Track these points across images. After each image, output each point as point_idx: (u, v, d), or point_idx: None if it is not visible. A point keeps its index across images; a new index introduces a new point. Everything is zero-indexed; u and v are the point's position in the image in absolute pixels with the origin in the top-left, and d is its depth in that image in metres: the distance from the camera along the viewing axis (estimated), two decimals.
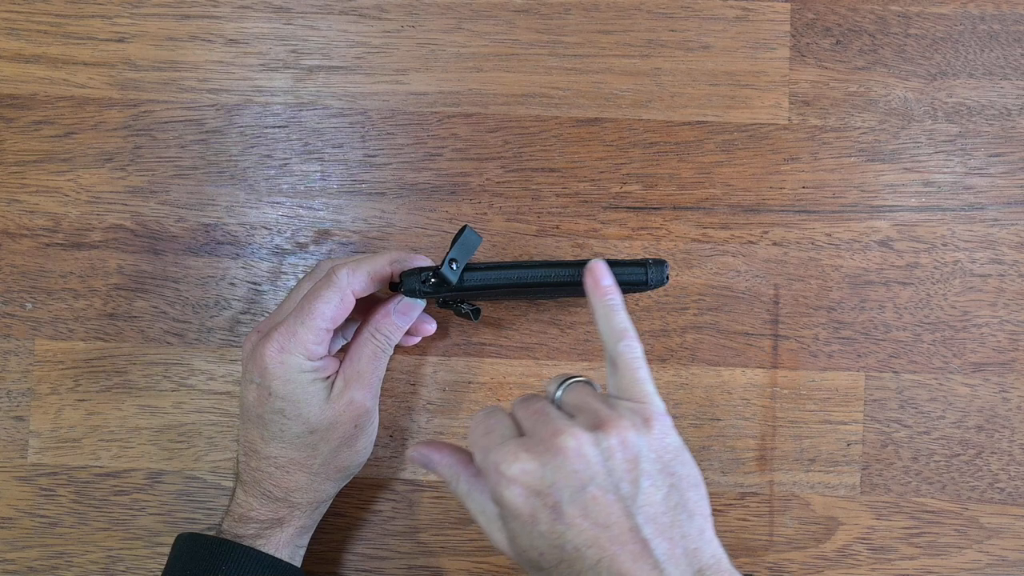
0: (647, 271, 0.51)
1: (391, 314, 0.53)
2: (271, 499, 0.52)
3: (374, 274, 0.51)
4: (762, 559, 0.60)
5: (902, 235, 0.61)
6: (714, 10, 0.62)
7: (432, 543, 0.60)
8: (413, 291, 0.51)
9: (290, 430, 0.51)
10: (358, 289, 0.50)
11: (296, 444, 0.51)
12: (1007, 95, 0.62)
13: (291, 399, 0.50)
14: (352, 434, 0.52)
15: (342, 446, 0.52)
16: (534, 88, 0.61)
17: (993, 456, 0.60)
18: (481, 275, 0.51)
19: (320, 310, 0.49)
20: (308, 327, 0.49)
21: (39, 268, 0.61)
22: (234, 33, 0.61)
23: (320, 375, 0.51)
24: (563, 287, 0.51)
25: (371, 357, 0.53)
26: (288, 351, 0.49)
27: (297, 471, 0.52)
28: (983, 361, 0.61)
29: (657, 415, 0.43)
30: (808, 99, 0.61)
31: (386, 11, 0.62)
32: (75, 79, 0.61)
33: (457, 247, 0.51)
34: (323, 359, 0.51)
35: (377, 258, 0.51)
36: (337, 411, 0.51)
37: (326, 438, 0.52)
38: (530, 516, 0.41)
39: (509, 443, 0.42)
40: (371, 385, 0.53)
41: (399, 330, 0.54)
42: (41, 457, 0.60)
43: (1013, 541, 0.60)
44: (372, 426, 0.54)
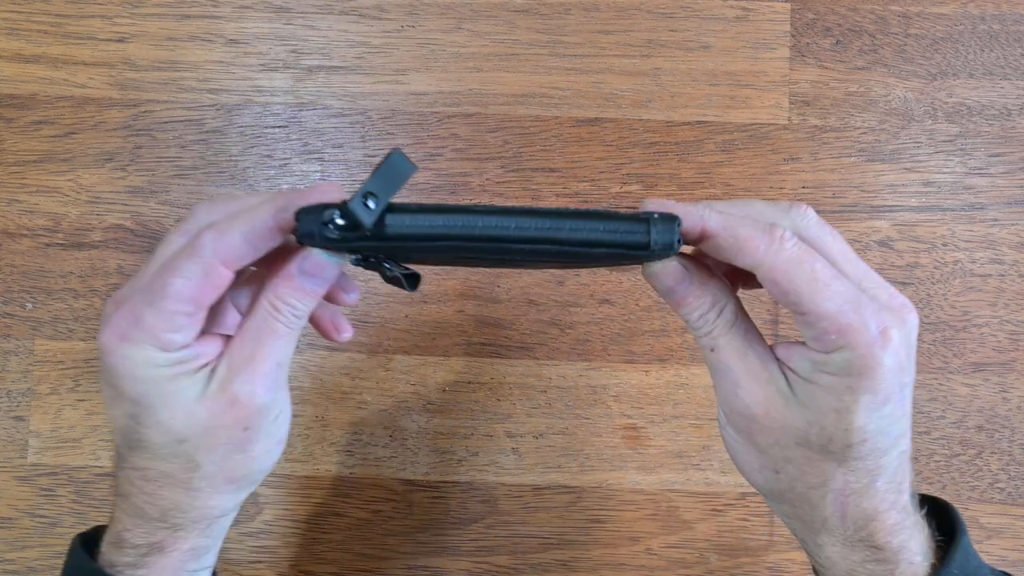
0: (650, 229, 0.35)
1: (294, 275, 0.38)
2: (145, 518, 0.40)
3: (253, 234, 0.36)
4: (763, 559, 0.60)
5: (902, 235, 0.61)
6: (714, 10, 0.62)
7: (432, 543, 0.60)
8: (311, 237, 0.35)
9: (150, 440, 0.38)
10: (231, 258, 0.36)
11: (163, 456, 0.39)
12: (1007, 95, 0.62)
13: (144, 403, 0.37)
14: (243, 439, 0.39)
15: (231, 454, 0.39)
16: (534, 88, 0.61)
17: (993, 456, 0.60)
18: (412, 220, 0.35)
19: (175, 288, 0.36)
20: (158, 310, 0.36)
21: (39, 268, 0.60)
22: (234, 33, 0.61)
23: (187, 367, 0.38)
24: (535, 246, 0.35)
25: (267, 336, 0.38)
26: (132, 340, 0.36)
27: (171, 487, 0.39)
28: (983, 361, 0.61)
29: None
30: (808, 99, 0.61)
31: (386, 11, 0.62)
32: (75, 79, 0.61)
33: (378, 176, 0.34)
34: (189, 347, 0.38)
35: (256, 209, 0.36)
36: (215, 413, 0.38)
37: (204, 447, 0.39)
38: (885, 394, 0.34)
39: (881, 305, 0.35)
40: (266, 374, 0.38)
41: (307, 297, 0.38)
42: (41, 457, 0.60)
43: (1013, 541, 0.60)
44: (276, 424, 0.40)
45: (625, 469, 0.60)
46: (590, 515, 0.60)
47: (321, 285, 0.38)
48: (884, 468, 0.36)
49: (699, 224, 0.35)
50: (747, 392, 0.36)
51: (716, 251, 0.36)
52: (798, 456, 0.36)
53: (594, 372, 0.60)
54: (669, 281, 0.37)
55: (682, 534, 0.60)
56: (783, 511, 0.39)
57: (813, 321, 0.34)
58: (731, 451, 0.39)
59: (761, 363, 0.37)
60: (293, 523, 0.60)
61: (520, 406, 0.60)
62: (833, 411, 0.35)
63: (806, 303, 0.34)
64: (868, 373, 0.34)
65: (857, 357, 0.34)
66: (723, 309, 0.37)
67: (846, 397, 0.34)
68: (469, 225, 0.34)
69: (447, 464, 0.60)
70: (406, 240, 0.35)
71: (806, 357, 0.35)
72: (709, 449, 0.60)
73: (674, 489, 0.60)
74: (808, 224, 0.36)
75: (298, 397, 0.60)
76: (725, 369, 0.37)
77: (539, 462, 0.60)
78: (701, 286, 0.37)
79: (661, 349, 0.60)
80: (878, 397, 0.34)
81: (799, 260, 0.34)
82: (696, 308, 0.37)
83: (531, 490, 0.60)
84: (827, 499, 0.36)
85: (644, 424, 0.60)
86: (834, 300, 0.34)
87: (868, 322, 0.34)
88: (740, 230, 0.35)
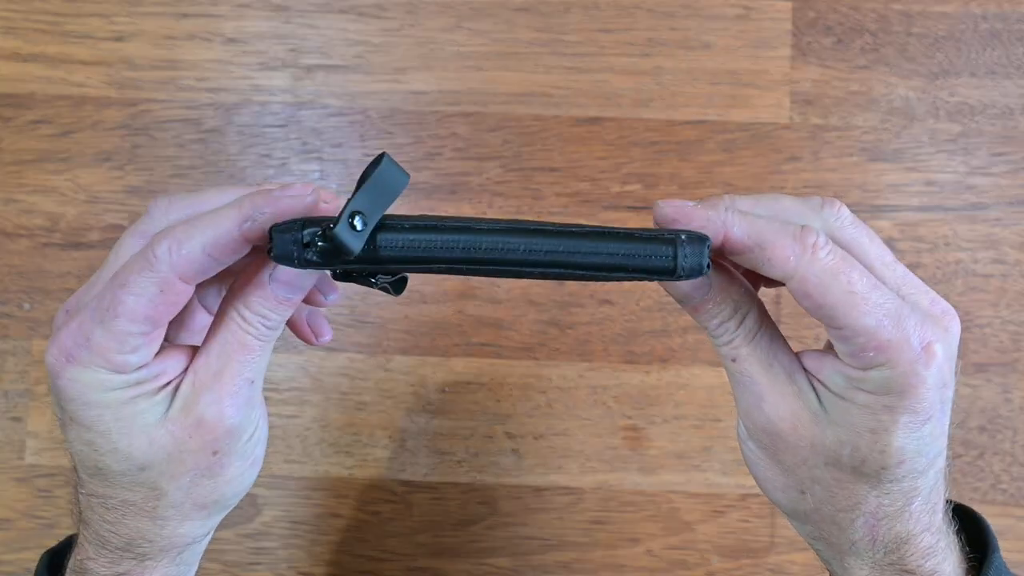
0: (676, 252, 0.31)
1: (266, 283, 0.33)
2: (109, 548, 0.36)
3: (215, 246, 0.32)
4: (764, 561, 0.60)
5: (904, 235, 0.61)
6: (715, 9, 0.62)
7: (431, 544, 0.60)
8: (288, 260, 0.31)
9: (109, 468, 0.34)
10: (190, 272, 0.32)
11: (124, 484, 0.35)
12: (1009, 94, 0.61)
13: (98, 429, 0.34)
14: (211, 463, 0.35)
15: (199, 479, 0.35)
16: (534, 87, 0.61)
17: (995, 457, 0.60)
18: (406, 241, 0.31)
19: (127, 306, 0.32)
20: (109, 330, 0.32)
21: (37, 268, 0.60)
22: (233, 32, 0.61)
23: (145, 388, 0.34)
24: (546, 270, 0.31)
25: (235, 350, 0.34)
26: (80, 362, 0.32)
27: (135, 516, 0.36)
28: (985, 361, 0.60)
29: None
30: (810, 98, 0.61)
31: (385, 9, 0.61)
32: (73, 78, 0.61)
33: (366, 191, 0.30)
34: (147, 366, 0.34)
35: (219, 216, 0.32)
36: (179, 437, 0.34)
37: (169, 473, 0.35)
38: (927, 414, 0.32)
39: (924, 315, 0.32)
40: (235, 392, 0.34)
41: (281, 307, 0.34)
42: (38, 458, 0.60)
43: (1015, 542, 0.60)
44: (249, 445, 0.36)
45: (626, 470, 0.60)
46: (590, 516, 0.60)
47: (297, 293, 0.34)
48: (920, 490, 0.33)
49: (721, 232, 0.32)
50: (772, 407, 0.33)
51: (740, 260, 0.33)
52: (827, 477, 0.33)
53: (594, 372, 0.60)
54: (686, 287, 0.34)
55: (683, 535, 0.59)
56: (807, 532, 0.36)
57: (850, 336, 0.31)
58: (752, 467, 0.36)
59: (788, 375, 0.34)
60: (292, 524, 0.60)
61: (520, 407, 0.60)
62: (869, 432, 0.32)
63: (841, 318, 0.31)
64: (910, 392, 0.31)
65: (898, 375, 0.31)
66: (746, 316, 0.34)
67: (884, 417, 0.32)
68: (472, 246, 0.31)
69: (447, 465, 0.60)
70: (398, 263, 0.31)
71: (839, 372, 0.32)
72: (710, 450, 0.60)
73: (675, 490, 0.60)
74: (843, 224, 0.33)
75: (297, 398, 0.60)
76: (748, 382, 0.34)
77: (539, 463, 0.60)
78: (721, 291, 0.33)
79: (662, 349, 0.60)
80: (919, 417, 0.32)
81: (834, 271, 0.31)
82: (716, 315, 0.34)
83: (531, 491, 0.60)
84: (857, 523, 0.34)
85: (645, 425, 0.60)
86: (873, 314, 0.31)
87: (910, 337, 0.31)
88: (767, 236, 0.31)
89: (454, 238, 0.31)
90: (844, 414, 0.32)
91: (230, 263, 0.33)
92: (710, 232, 0.32)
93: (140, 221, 0.35)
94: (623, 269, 0.31)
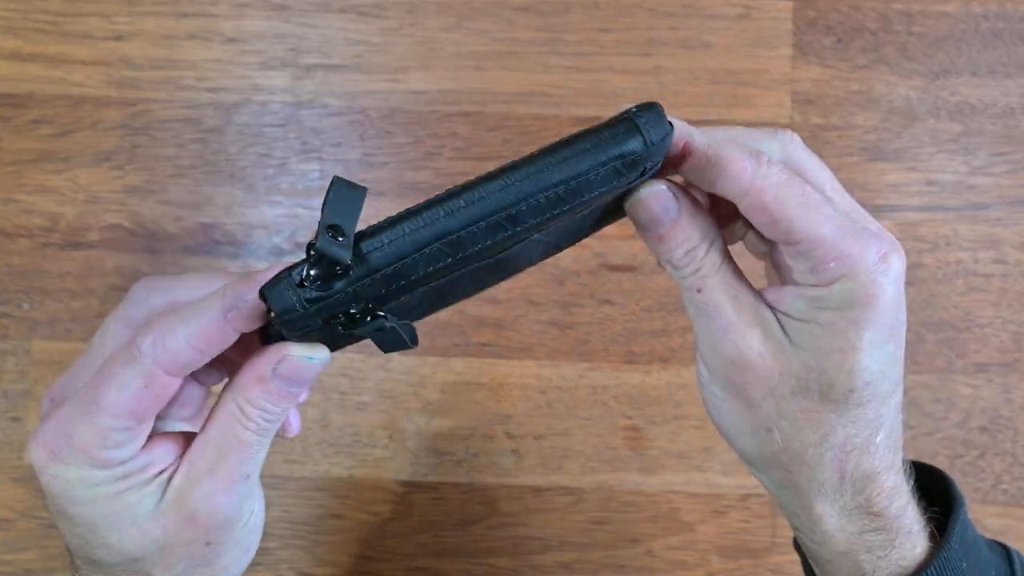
0: (637, 123, 0.29)
1: (268, 378, 0.32)
2: None
3: (200, 339, 0.31)
4: (765, 561, 0.59)
5: (905, 235, 0.60)
6: (716, 8, 0.61)
7: (431, 545, 0.60)
8: (290, 309, 0.29)
9: (102, 560, 0.34)
10: (174, 366, 0.31)
11: (118, 573, 0.34)
12: (1010, 94, 0.61)
13: (87, 524, 0.33)
14: (205, 553, 0.34)
15: (193, 568, 0.34)
16: (534, 86, 0.61)
17: (996, 457, 0.60)
18: (388, 236, 0.29)
19: (109, 400, 0.31)
20: (91, 425, 0.31)
21: (36, 268, 0.60)
22: (232, 31, 0.61)
23: (133, 481, 0.33)
24: (532, 201, 0.29)
25: (232, 445, 0.33)
26: (63, 460, 0.32)
27: None
28: (986, 362, 0.60)
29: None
30: (810, 98, 0.61)
31: (385, 9, 0.61)
32: (72, 78, 0.61)
33: (330, 207, 0.29)
34: (133, 459, 0.32)
35: (203, 307, 0.31)
36: (171, 530, 0.33)
37: (162, 563, 0.34)
38: (888, 329, 0.32)
39: (872, 236, 0.32)
40: (231, 487, 0.33)
41: (283, 400, 0.33)
42: None
43: (1017, 542, 0.60)
44: (244, 533, 0.35)
45: (626, 470, 0.60)
46: (590, 516, 0.59)
47: (300, 387, 0.33)
48: (884, 418, 0.33)
49: (683, 139, 0.31)
50: (739, 335, 0.33)
51: (696, 173, 0.32)
52: (794, 409, 0.33)
53: (594, 373, 0.60)
54: (656, 208, 0.32)
55: (683, 535, 0.59)
56: (775, 480, 0.35)
57: (808, 250, 0.31)
58: (715, 412, 0.35)
59: (752, 307, 0.33)
60: (292, 525, 0.60)
61: (520, 407, 0.60)
62: (836, 351, 0.32)
63: (799, 229, 0.31)
64: (872, 304, 0.31)
65: (859, 286, 0.31)
66: (712, 243, 0.33)
67: (850, 333, 0.31)
68: (453, 210, 0.29)
69: (447, 465, 0.60)
70: (393, 264, 0.29)
71: (801, 296, 0.32)
72: (710, 450, 0.60)
73: (675, 490, 0.60)
74: (795, 150, 0.34)
75: None
76: (714, 312, 0.33)
77: (539, 463, 0.60)
78: (690, 215, 0.33)
79: (662, 349, 0.60)
80: (881, 333, 0.32)
81: (788, 184, 0.31)
82: (684, 242, 0.33)
83: (531, 491, 0.60)
84: (826, 457, 0.33)
85: (645, 425, 0.60)
86: (830, 223, 0.31)
87: (868, 247, 0.31)
88: (725, 150, 0.31)
89: (431, 212, 0.29)
90: (810, 338, 0.32)
91: (215, 354, 0.32)
92: (674, 136, 0.31)
93: (121, 307, 0.34)
94: (600, 164, 0.29)
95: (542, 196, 0.29)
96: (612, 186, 0.30)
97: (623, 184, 0.31)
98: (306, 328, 0.30)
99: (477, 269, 0.32)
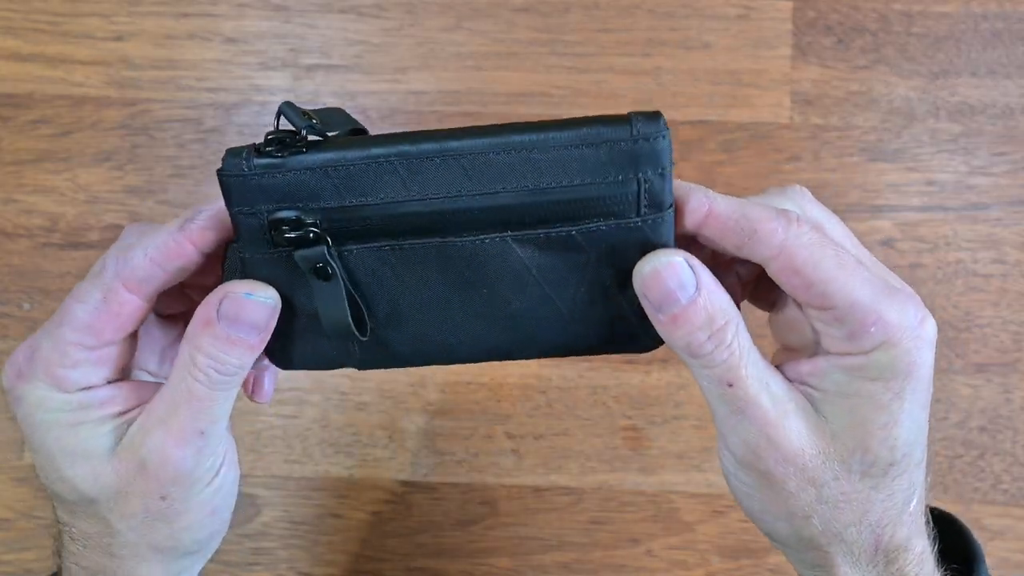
0: (631, 120, 0.28)
1: (214, 320, 0.30)
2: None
3: (157, 250, 0.31)
4: (764, 561, 0.59)
5: (905, 235, 0.60)
6: (715, 8, 0.61)
7: (431, 545, 0.60)
8: (235, 170, 0.29)
9: (62, 496, 0.33)
10: (133, 279, 0.31)
11: (78, 514, 0.33)
12: (1010, 94, 0.61)
13: (44, 453, 0.32)
14: (162, 508, 0.32)
15: (152, 522, 0.33)
16: (534, 87, 0.61)
17: (996, 457, 0.60)
18: (352, 141, 0.29)
19: (72, 313, 0.31)
20: (53, 340, 0.31)
21: (36, 268, 0.60)
22: (232, 32, 0.61)
23: (90, 415, 0.32)
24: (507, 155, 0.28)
25: (182, 398, 0.31)
26: (25, 377, 0.31)
27: (94, 550, 0.34)
28: (986, 362, 0.60)
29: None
30: (810, 98, 0.61)
31: (385, 9, 0.61)
32: (72, 78, 0.61)
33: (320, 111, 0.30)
34: (96, 388, 0.32)
35: (162, 226, 0.31)
36: (123, 476, 0.32)
37: (118, 512, 0.32)
38: (926, 397, 0.29)
39: (907, 297, 0.29)
40: (182, 441, 0.31)
41: (235, 348, 0.31)
42: None
43: (1016, 543, 0.60)
44: (207, 494, 0.33)
45: (626, 470, 0.60)
46: (590, 516, 0.59)
47: (247, 333, 0.30)
48: (915, 487, 0.31)
49: (704, 204, 0.29)
50: (776, 430, 0.29)
51: (722, 238, 0.29)
52: (835, 494, 0.30)
53: (594, 373, 0.60)
54: (670, 282, 0.29)
55: (683, 536, 0.59)
56: (807, 560, 0.33)
57: (845, 315, 0.28)
58: (746, 501, 0.32)
59: (785, 392, 0.30)
60: (291, 525, 0.60)
61: (520, 407, 0.60)
62: (880, 427, 0.29)
63: (837, 293, 0.28)
64: (914, 373, 0.29)
65: (903, 353, 0.28)
66: (738, 324, 0.29)
67: (893, 406, 0.29)
68: (416, 140, 0.28)
69: (447, 465, 0.60)
70: (349, 157, 0.28)
71: (838, 367, 0.29)
72: (710, 450, 0.60)
73: (675, 490, 0.60)
74: (809, 205, 0.31)
75: (297, 398, 0.60)
76: (750, 408, 0.29)
77: (539, 463, 0.60)
78: (710, 291, 0.29)
79: (662, 350, 0.60)
80: (920, 402, 0.29)
81: (821, 244, 0.28)
82: (704, 324, 0.29)
83: (531, 491, 0.60)
84: (863, 534, 0.31)
85: (644, 425, 0.60)
86: (868, 287, 0.28)
87: (907, 310, 0.28)
88: (751, 211, 0.29)
89: (396, 137, 0.28)
90: (850, 414, 0.29)
91: (176, 273, 0.31)
92: (695, 206, 0.29)
93: (113, 247, 0.34)
94: (580, 141, 0.28)
95: (513, 153, 0.28)
96: (592, 185, 0.28)
97: (608, 203, 0.28)
98: (253, 224, 0.29)
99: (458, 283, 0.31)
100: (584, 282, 0.31)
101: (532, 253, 0.30)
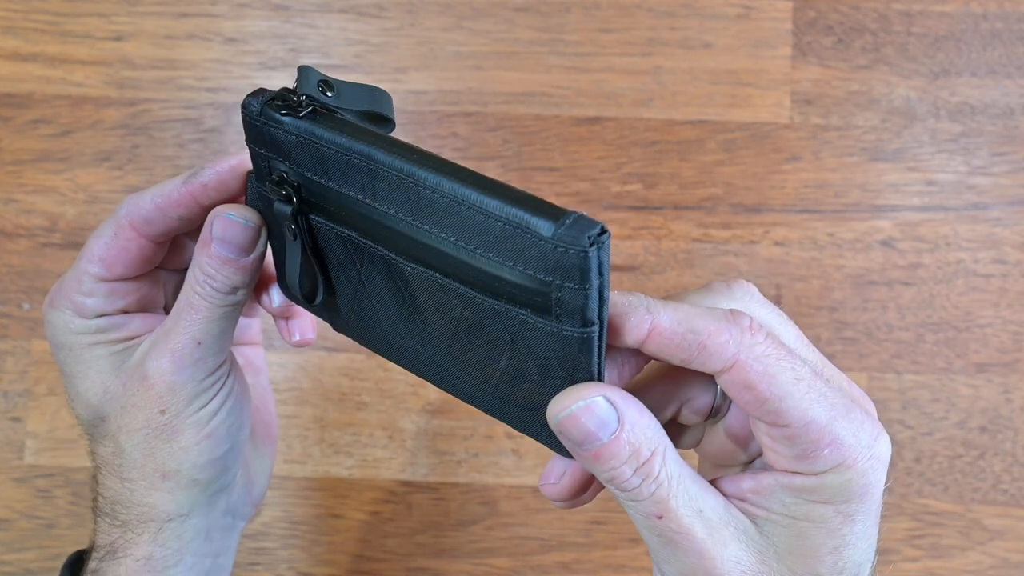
0: (564, 214, 0.24)
1: (209, 241, 0.34)
2: (101, 515, 0.38)
3: (161, 197, 0.35)
4: None
5: (905, 235, 0.60)
6: (715, 8, 0.61)
7: (431, 545, 0.60)
8: (249, 107, 0.32)
9: (81, 417, 0.37)
10: (138, 220, 0.35)
11: (94, 435, 0.37)
12: (1010, 94, 0.61)
13: (65, 371, 0.37)
14: (162, 424, 0.35)
15: (153, 441, 0.36)
16: (534, 87, 0.61)
17: (996, 457, 0.60)
18: (343, 125, 0.30)
19: (89, 247, 0.36)
20: (75, 271, 0.36)
21: (36, 268, 0.60)
22: (232, 31, 0.61)
23: (105, 337, 0.36)
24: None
25: (184, 309, 0.35)
26: (54, 304, 0.36)
27: (109, 474, 0.37)
28: (986, 362, 0.60)
29: None
30: (810, 98, 0.61)
31: (385, 9, 0.61)
32: (72, 78, 0.61)
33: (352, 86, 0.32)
34: (112, 315, 0.36)
35: (172, 179, 0.36)
36: (128, 388, 0.35)
37: (124, 428, 0.36)
38: (876, 517, 0.28)
39: (863, 413, 0.27)
40: (179, 350, 0.35)
41: (225, 267, 0.34)
42: (38, 458, 0.60)
43: (1016, 543, 0.60)
44: (202, 414, 0.36)
45: None
46: (590, 516, 0.59)
47: (236, 253, 0.34)
48: None
49: (647, 322, 0.26)
50: (713, 561, 0.27)
51: (668, 354, 0.27)
52: None
53: None
54: (589, 423, 0.26)
55: None
56: None
57: (798, 434, 0.26)
58: None
59: (722, 517, 0.27)
60: (291, 525, 0.60)
61: None
62: (830, 551, 0.27)
63: (791, 411, 0.26)
64: (868, 495, 0.27)
65: (857, 476, 0.27)
66: (665, 449, 0.27)
67: (844, 529, 0.27)
68: (392, 151, 0.28)
69: (447, 465, 0.60)
70: (333, 139, 0.29)
71: (786, 488, 0.27)
72: None
73: None
74: (754, 305, 0.29)
75: (297, 398, 0.60)
76: (683, 540, 0.27)
77: (539, 463, 0.60)
78: (634, 423, 0.26)
79: None
80: (871, 523, 0.28)
81: (777, 357, 0.26)
82: (628, 458, 0.26)
83: (531, 491, 0.60)
84: None
85: None
86: (823, 404, 0.26)
87: (862, 430, 0.27)
88: (698, 321, 0.26)
89: (378, 140, 0.28)
90: (798, 538, 0.27)
91: (177, 219, 0.35)
92: (635, 323, 0.26)
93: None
94: (504, 215, 0.25)
95: (453, 203, 0.26)
96: (509, 268, 0.25)
97: (527, 294, 0.25)
98: (260, 163, 0.32)
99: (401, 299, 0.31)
100: (512, 357, 0.28)
101: (463, 306, 0.28)
